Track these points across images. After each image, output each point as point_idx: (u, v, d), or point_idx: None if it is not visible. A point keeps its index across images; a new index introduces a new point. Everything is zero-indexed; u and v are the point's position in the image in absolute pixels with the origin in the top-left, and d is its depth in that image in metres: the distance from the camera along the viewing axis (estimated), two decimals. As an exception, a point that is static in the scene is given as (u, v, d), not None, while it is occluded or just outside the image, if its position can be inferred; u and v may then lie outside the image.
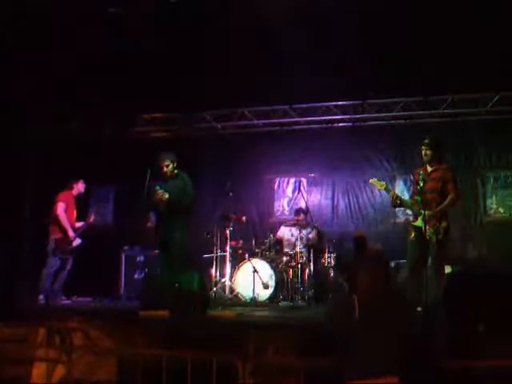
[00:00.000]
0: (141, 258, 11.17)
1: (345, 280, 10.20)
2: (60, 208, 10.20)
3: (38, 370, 6.22)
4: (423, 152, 7.63)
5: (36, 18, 10.04)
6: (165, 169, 8.77)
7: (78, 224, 10.55)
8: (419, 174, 7.60)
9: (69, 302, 10.30)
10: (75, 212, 10.55)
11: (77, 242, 10.30)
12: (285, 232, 11.37)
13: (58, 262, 10.16)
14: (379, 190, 8.80)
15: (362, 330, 4.25)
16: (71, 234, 10.18)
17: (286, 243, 11.16)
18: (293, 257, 10.73)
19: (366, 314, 4.28)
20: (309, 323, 7.48)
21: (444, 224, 7.30)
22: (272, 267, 10.31)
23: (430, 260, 7.34)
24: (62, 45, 10.56)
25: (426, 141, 7.62)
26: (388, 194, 7.96)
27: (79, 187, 10.59)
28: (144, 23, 10.16)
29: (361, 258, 9.75)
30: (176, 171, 8.86)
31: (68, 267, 10.29)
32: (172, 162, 8.79)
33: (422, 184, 7.46)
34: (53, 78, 11.19)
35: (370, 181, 8.14)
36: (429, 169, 7.60)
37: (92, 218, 10.77)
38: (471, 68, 10.26)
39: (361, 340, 4.23)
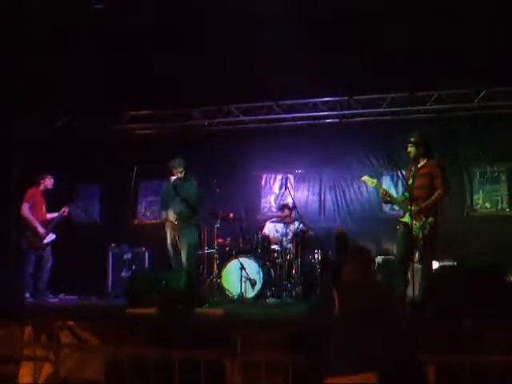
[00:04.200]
0: (128, 256, 11.15)
1: (329, 276, 10.24)
2: (25, 209, 10.22)
3: (26, 369, 6.19)
4: (408, 150, 7.66)
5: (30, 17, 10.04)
6: (178, 175, 9.36)
7: (50, 215, 10.51)
8: (410, 171, 7.65)
9: (56, 300, 10.26)
10: (44, 206, 10.51)
11: (50, 237, 10.29)
12: (270, 229, 11.37)
13: (33, 259, 10.16)
14: (370, 186, 8.82)
15: (341, 326, 4.24)
16: (41, 230, 10.20)
17: (272, 240, 11.15)
18: (280, 253, 10.73)
19: (345, 309, 4.27)
20: (296, 320, 7.49)
21: (430, 219, 7.32)
22: (259, 264, 10.29)
23: (417, 255, 7.36)
24: (47, 42, 10.53)
25: (411, 139, 7.65)
26: (378, 190, 8.00)
27: (46, 183, 10.55)
28: (130, 19, 10.13)
29: (342, 253, 9.81)
30: (187, 175, 9.45)
31: (48, 265, 10.26)
32: (184, 168, 9.38)
33: (411, 180, 7.50)
34: (37, 77, 11.16)
35: (362, 178, 8.17)
36: (417, 165, 7.62)
37: (66, 211, 10.69)
38: (458, 64, 10.30)
39: (340, 336, 4.23)
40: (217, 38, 10.30)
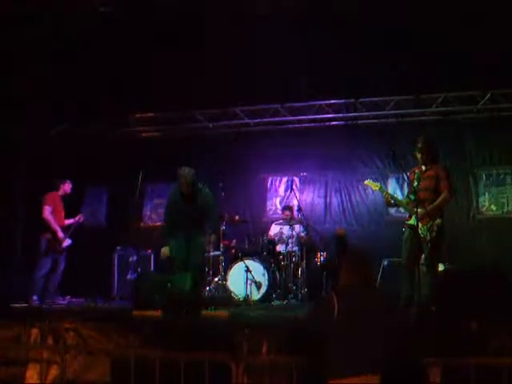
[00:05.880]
0: (133, 259, 11.15)
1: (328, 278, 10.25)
2: (46, 211, 10.18)
3: (32, 371, 6.21)
4: (418, 155, 7.64)
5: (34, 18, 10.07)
6: (186, 191, 8.79)
7: (68, 221, 10.53)
8: (415, 173, 7.64)
9: (62, 302, 10.26)
10: (63, 211, 10.52)
11: (67, 242, 10.29)
12: (276, 231, 11.36)
13: (50, 262, 10.15)
14: (373, 190, 8.82)
15: (341, 329, 4.24)
16: (61, 235, 10.18)
17: (277, 242, 11.15)
18: (285, 256, 10.73)
19: (344, 311, 4.27)
20: (299, 322, 7.49)
21: (438, 221, 7.31)
22: (265, 266, 10.28)
23: (423, 257, 7.36)
24: (53, 45, 10.57)
25: (419, 145, 7.64)
26: (382, 194, 7.99)
27: (65, 188, 10.57)
28: (136, 22, 10.15)
29: (341, 255, 9.78)
30: (195, 186, 8.84)
31: (61, 268, 10.28)
32: (192, 179, 8.77)
33: (416, 183, 7.49)
34: (42, 79, 11.19)
35: (365, 182, 8.18)
36: (423, 168, 7.61)
37: (81, 218, 10.73)
38: (463, 66, 10.29)
39: (340, 338, 4.23)
40: (222, 40, 10.33)
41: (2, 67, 10.63)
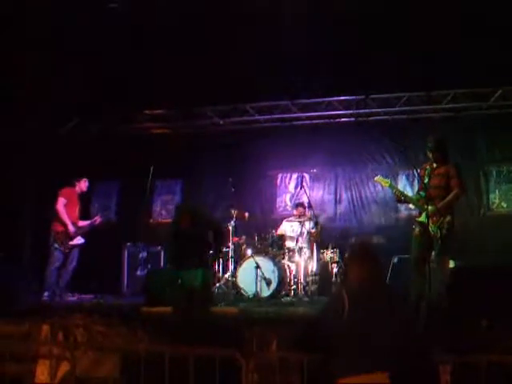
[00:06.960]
0: (143, 255, 11.14)
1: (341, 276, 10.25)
2: (60, 203, 10.14)
3: (42, 367, 6.23)
4: (429, 154, 7.61)
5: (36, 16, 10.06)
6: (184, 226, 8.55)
7: (82, 223, 10.51)
8: (425, 170, 7.60)
9: (72, 298, 10.27)
10: (78, 209, 10.49)
11: (79, 240, 10.25)
12: (286, 228, 11.36)
13: (61, 256, 10.12)
14: (383, 187, 8.77)
15: (351, 326, 4.22)
16: (71, 228, 10.10)
17: (288, 239, 11.13)
18: (295, 252, 10.72)
19: (354, 309, 4.26)
20: (309, 319, 7.48)
21: (448, 218, 7.27)
22: (274, 263, 10.28)
23: (433, 254, 7.33)
24: (62, 42, 10.57)
25: (429, 144, 7.60)
26: (392, 190, 7.96)
27: (82, 185, 10.54)
28: (144, 18, 10.15)
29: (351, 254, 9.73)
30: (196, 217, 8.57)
31: (73, 264, 10.24)
32: (194, 212, 8.52)
33: (427, 180, 7.46)
34: (51, 77, 11.20)
35: (375, 178, 8.14)
36: (434, 165, 7.58)
37: (98, 220, 10.73)
38: (473, 62, 10.25)
39: (349, 336, 4.21)
40: (232, 37, 10.32)
41: (2, 67, 10.61)
